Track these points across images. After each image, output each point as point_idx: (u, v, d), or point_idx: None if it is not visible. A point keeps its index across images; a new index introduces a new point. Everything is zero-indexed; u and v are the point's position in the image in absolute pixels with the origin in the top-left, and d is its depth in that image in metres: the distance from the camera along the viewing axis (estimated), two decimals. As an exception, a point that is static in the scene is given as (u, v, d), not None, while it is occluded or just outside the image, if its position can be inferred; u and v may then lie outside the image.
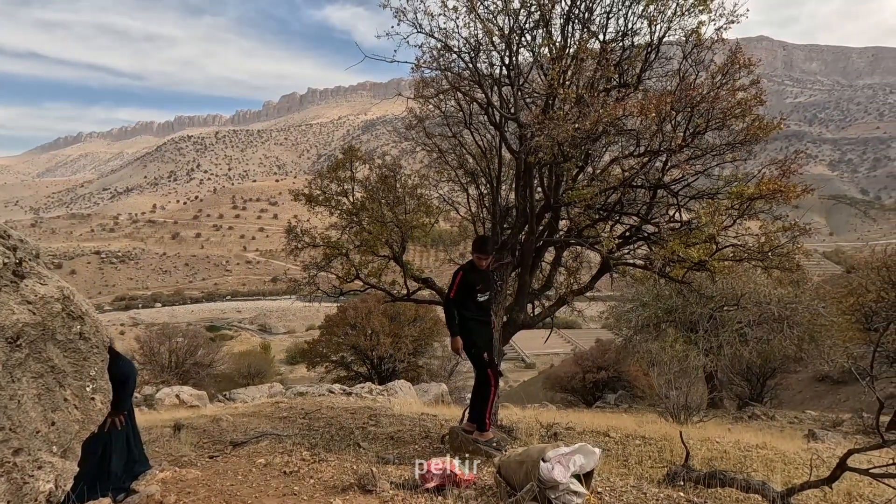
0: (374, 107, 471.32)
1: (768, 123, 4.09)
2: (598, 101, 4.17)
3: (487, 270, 4.35)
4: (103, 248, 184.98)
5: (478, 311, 4.28)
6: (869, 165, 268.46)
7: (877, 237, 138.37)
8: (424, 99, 5.40)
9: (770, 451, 4.95)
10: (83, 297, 2.58)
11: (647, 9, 4.30)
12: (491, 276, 4.48)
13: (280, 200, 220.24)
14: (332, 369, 21.27)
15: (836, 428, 10.17)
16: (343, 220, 5.93)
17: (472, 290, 4.23)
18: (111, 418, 3.33)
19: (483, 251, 4.24)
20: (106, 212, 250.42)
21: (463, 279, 4.21)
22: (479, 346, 4.26)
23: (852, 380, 15.84)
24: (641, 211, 4.72)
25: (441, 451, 4.49)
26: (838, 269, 43.40)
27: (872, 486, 3.47)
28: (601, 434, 5.64)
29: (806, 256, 5.14)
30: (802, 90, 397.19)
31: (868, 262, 11.73)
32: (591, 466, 2.93)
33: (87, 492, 3.10)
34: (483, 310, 4.33)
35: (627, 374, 18.52)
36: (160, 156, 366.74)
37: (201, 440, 5.12)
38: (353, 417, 6.38)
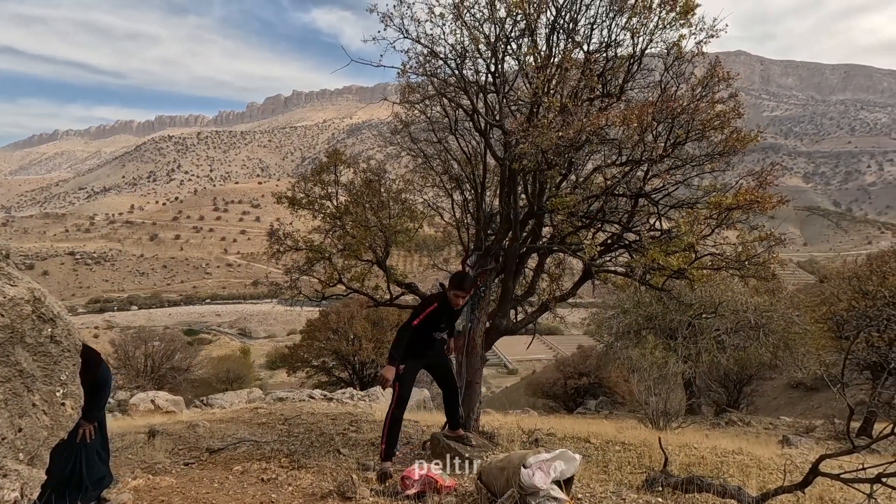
0: (359, 111, 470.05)
1: (746, 135, 4.20)
2: (582, 110, 4.24)
3: (459, 310, 4.10)
4: (78, 248, 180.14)
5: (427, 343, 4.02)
6: (841, 178, 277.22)
7: (848, 248, 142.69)
8: (410, 104, 5.42)
9: (746, 456, 5.04)
10: (55, 299, 2.50)
11: (630, 21, 4.38)
12: (457, 316, 4.23)
13: (263, 203, 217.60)
14: (312, 374, 21.02)
15: (809, 434, 10.41)
16: (326, 224, 5.88)
17: (436, 325, 3.99)
18: (83, 429, 3.17)
19: (462, 289, 3.95)
20: (81, 212, 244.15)
21: (434, 312, 3.91)
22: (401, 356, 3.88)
23: (825, 387, 16.26)
24: (623, 219, 4.79)
25: (422, 457, 4.46)
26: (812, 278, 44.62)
27: (843, 491, 3.56)
28: (582, 440, 5.68)
29: (781, 266, 5.27)
30: (779, 104, 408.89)
31: (840, 272, 12.06)
32: (572, 472, 2.94)
33: (56, 501, 3.00)
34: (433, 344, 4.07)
35: (608, 381, 18.68)
36: (140, 155, 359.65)
37: (176, 447, 5.00)
38: (333, 423, 6.31)
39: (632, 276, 4.66)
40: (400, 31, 4.64)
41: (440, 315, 3.98)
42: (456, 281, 3.97)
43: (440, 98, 5.10)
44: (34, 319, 2.33)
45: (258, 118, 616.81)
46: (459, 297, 3.96)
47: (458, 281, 3.97)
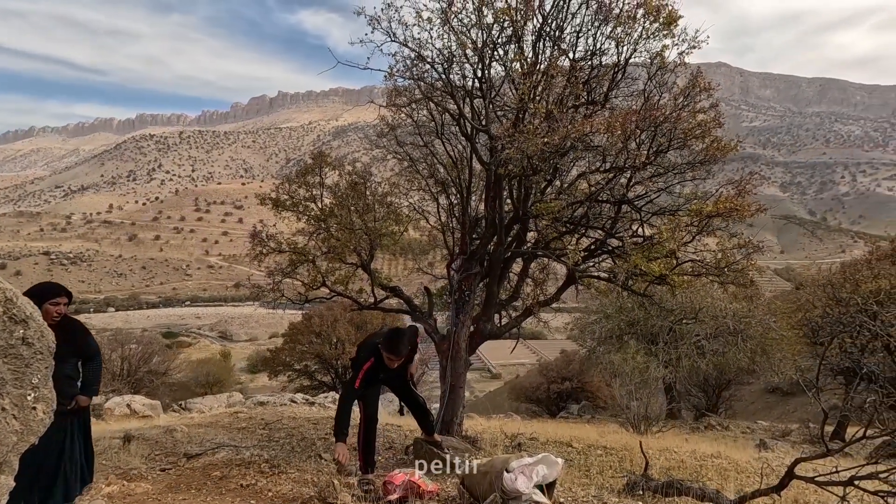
0: (345, 113, 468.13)
1: (726, 145, 4.29)
2: (567, 116, 4.28)
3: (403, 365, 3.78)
4: (53, 248, 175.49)
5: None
6: (816, 188, 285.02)
7: (823, 256, 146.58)
8: (397, 107, 5.41)
9: (724, 460, 5.12)
10: (27, 300, 2.43)
11: (615, 31, 4.45)
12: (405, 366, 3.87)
13: (246, 204, 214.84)
14: (294, 378, 20.75)
15: (785, 437, 10.63)
16: (311, 226, 5.83)
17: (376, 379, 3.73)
18: (76, 401, 3.08)
19: (394, 352, 3.50)
20: (58, 210, 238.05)
21: (371, 369, 3.58)
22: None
23: (800, 391, 16.63)
24: (606, 225, 4.85)
25: (405, 462, 4.43)
26: (788, 285, 45.72)
27: (817, 494, 3.64)
28: (564, 444, 5.70)
29: (759, 273, 5.38)
30: (757, 115, 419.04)
31: (815, 280, 12.39)
32: (554, 477, 2.96)
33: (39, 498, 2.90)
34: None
35: (591, 385, 18.84)
36: (119, 154, 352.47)
37: (153, 452, 4.88)
38: (315, 428, 6.23)
39: (614, 281, 4.71)
40: (387, 34, 4.64)
41: (379, 371, 3.63)
42: (387, 341, 3.51)
43: (427, 102, 5.11)
44: (5, 321, 2.26)
45: (242, 118, 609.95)
46: (393, 360, 3.52)
47: (389, 343, 3.50)
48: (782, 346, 12.23)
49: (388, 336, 3.57)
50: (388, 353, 3.50)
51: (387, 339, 3.54)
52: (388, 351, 3.50)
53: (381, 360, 3.56)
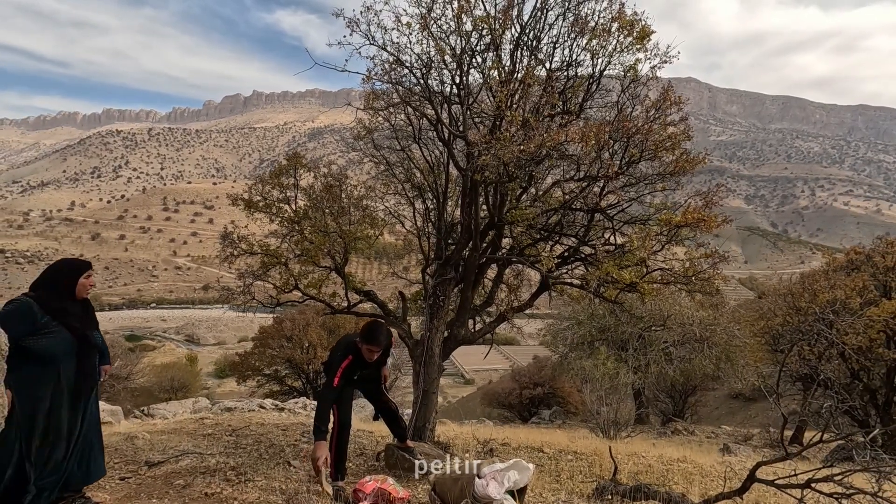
0: (322, 115, 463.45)
1: (694, 157, 4.44)
2: (543, 125, 4.35)
3: (379, 360, 3.70)
4: (9, 246, 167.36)
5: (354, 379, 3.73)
6: (778, 202, 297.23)
7: (784, 266, 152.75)
8: (374, 111, 5.39)
9: (689, 464, 5.25)
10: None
11: (591, 43, 4.55)
12: (380, 365, 3.82)
13: (217, 204, 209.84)
14: (264, 383, 20.30)
15: (747, 442, 10.98)
16: (284, 228, 5.73)
17: (352, 378, 3.65)
18: (104, 371, 3.08)
19: (374, 342, 3.48)
20: (15, 206, 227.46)
21: (349, 367, 3.52)
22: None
23: (762, 397, 17.23)
24: (579, 233, 4.93)
25: (376, 468, 4.38)
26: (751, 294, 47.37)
27: (777, 496, 3.76)
28: (536, 449, 5.74)
29: (724, 282, 5.57)
30: (724, 129, 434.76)
31: (776, 289, 12.88)
32: (525, 482, 2.97)
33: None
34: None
35: (562, 391, 19.07)
36: (83, 149, 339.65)
37: (111, 460, 4.68)
38: (284, 434, 6.09)
39: (587, 288, 4.79)
40: (366, 37, 4.63)
41: (356, 368, 3.58)
42: (367, 332, 3.50)
43: (405, 106, 5.11)
44: (-46, 321, 2.15)
45: (215, 117, 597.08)
46: (373, 351, 3.50)
47: (370, 333, 3.49)
48: (745, 353, 12.66)
49: (368, 327, 3.57)
50: (368, 343, 3.48)
51: (366, 329, 3.54)
52: (368, 342, 3.48)
53: (358, 356, 3.54)
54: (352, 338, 3.67)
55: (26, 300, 2.72)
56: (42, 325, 2.68)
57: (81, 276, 2.90)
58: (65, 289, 2.84)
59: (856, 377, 9.19)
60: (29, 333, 2.66)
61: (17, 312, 2.66)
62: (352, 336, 3.73)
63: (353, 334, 3.80)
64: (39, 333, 2.68)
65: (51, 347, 2.70)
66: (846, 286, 9.56)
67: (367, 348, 3.50)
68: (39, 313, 2.69)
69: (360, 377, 3.74)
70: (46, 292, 2.79)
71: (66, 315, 2.78)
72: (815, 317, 9.37)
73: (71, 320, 2.79)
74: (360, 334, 3.54)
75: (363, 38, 4.61)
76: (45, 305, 2.72)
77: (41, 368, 2.71)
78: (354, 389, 4.01)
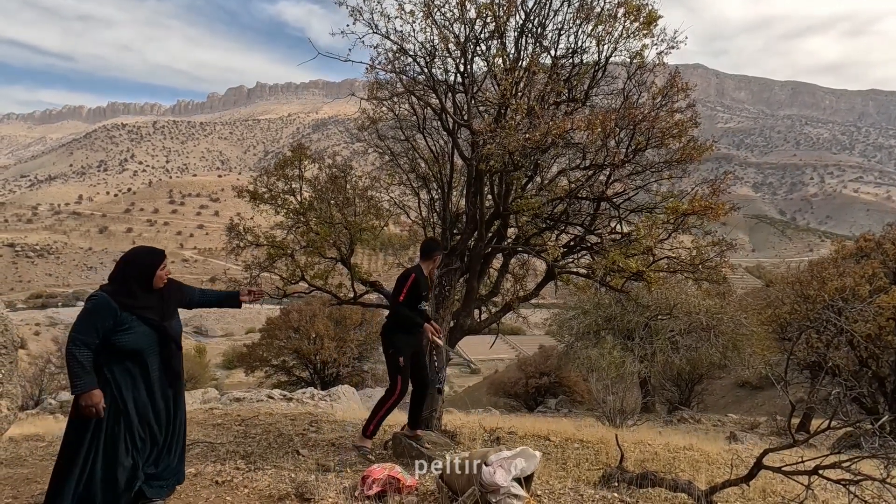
0: (325, 106, 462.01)
1: (702, 145, 4.39)
2: (548, 113, 4.31)
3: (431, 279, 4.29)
4: (18, 240, 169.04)
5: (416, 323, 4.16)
6: (787, 189, 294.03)
7: (792, 255, 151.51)
8: (378, 101, 5.37)
9: (696, 452, 5.26)
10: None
11: (596, 29, 4.49)
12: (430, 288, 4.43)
13: (222, 197, 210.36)
14: (272, 374, 20.50)
15: (754, 430, 10.99)
16: (289, 220, 5.74)
17: (419, 296, 4.11)
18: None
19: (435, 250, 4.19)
20: (23, 201, 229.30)
21: (414, 283, 4.03)
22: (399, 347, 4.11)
23: (768, 385, 17.19)
24: (585, 222, 4.90)
25: (384, 457, 4.42)
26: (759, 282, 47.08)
27: (784, 483, 3.77)
28: (542, 438, 5.77)
29: (731, 270, 5.53)
30: (732, 116, 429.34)
31: (784, 278, 12.80)
32: (532, 470, 2.99)
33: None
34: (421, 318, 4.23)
35: (568, 380, 19.12)
36: (89, 143, 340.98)
37: (124, 449, 4.76)
38: (292, 424, 6.16)
39: (593, 277, 4.78)
40: (369, 26, 4.59)
41: (422, 286, 4.12)
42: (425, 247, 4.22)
43: (409, 96, 5.08)
44: (-34, 314, 2.17)
45: (219, 109, 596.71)
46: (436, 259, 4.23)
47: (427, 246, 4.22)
48: (752, 342, 12.61)
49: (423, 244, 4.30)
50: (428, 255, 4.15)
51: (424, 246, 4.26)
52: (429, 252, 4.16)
53: (420, 274, 4.08)
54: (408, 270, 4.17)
55: (103, 296, 2.66)
56: (121, 320, 2.64)
57: (158, 269, 2.80)
58: (139, 282, 2.75)
59: (864, 365, 9.14)
60: (112, 329, 2.62)
61: (96, 309, 2.61)
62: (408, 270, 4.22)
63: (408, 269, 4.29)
64: (121, 329, 2.64)
65: (135, 342, 2.67)
66: (855, 274, 9.48)
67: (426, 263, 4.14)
68: (117, 308, 2.64)
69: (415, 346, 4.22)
70: (120, 286, 2.71)
71: (142, 308, 2.72)
72: (823, 305, 9.31)
73: (147, 313, 2.73)
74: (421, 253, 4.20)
75: (366, 27, 4.58)
76: (120, 300, 2.66)
77: (131, 364, 2.69)
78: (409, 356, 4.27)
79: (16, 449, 4.98)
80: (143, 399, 2.72)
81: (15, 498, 3.35)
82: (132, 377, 2.69)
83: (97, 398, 2.55)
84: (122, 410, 2.66)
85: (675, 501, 3.21)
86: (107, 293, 2.67)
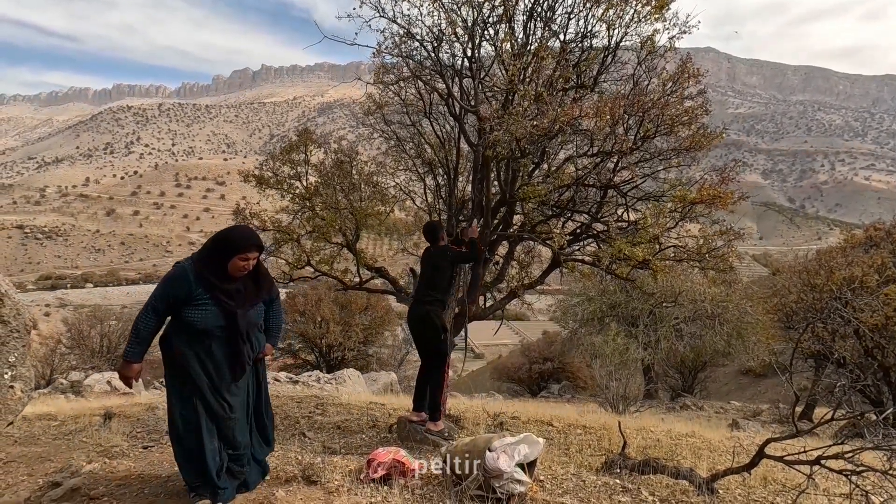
0: (331, 89, 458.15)
1: (711, 132, 4.32)
2: (556, 100, 4.25)
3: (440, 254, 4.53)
4: (27, 222, 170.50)
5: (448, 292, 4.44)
6: (797, 176, 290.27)
7: (800, 243, 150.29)
8: (384, 85, 5.32)
9: (698, 439, 5.29)
10: (1, 277, 2.37)
11: (607, 13, 4.41)
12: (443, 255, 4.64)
13: (228, 180, 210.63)
14: (277, 357, 20.74)
15: (756, 418, 11.04)
16: (295, 205, 5.75)
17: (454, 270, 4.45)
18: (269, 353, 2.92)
19: (434, 228, 4.48)
20: (31, 183, 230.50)
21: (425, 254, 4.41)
22: (446, 328, 4.34)
23: (772, 373, 17.21)
24: (592, 209, 4.87)
25: (388, 440, 4.49)
26: (766, 271, 46.82)
27: (785, 472, 3.79)
28: (545, 423, 5.82)
29: (738, 259, 5.50)
30: (743, 102, 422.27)
31: (791, 266, 12.71)
32: (535, 456, 3.02)
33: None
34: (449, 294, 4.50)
35: (571, 366, 19.22)
36: (95, 125, 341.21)
37: (134, 430, 4.86)
38: (298, 406, 6.25)
39: (598, 265, 4.76)
40: (376, 9, 4.53)
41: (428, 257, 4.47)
42: (426, 229, 4.51)
43: (415, 80, 5.03)
44: (-21, 298, 2.20)
45: (224, 92, 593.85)
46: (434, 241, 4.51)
47: (426, 228, 4.50)
48: (757, 330, 12.60)
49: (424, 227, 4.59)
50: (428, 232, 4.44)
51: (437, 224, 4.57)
52: (428, 231, 4.45)
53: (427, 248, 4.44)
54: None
55: (184, 267, 2.58)
56: (195, 295, 2.53)
57: (236, 256, 2.63)
58: (217, 264, 2.62)
59: (870, 355, 9.11)
60: (184, 302, 2.53)
61: (174, 277, 2.54)
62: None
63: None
64: (193, 304, 2.54)
65: (203, 321, 2.56)
66: (864, 263, 9.39)
67: (430, 240, 4.45)
68: (195, 283, 2.53)
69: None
70: (202, 264, 2.60)
71: (218, 290, 2.59)
72: (830, 294, 9.25)
73: (222, 296, 2.59)
74: (440, 235, 4.45)
75: (373, 9, 4.52)
76: (200, 276, 2.55)
77: (194, 341, 2.59)
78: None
79: (29, 427, 5.10)
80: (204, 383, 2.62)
81: (29, 476, 3.44)
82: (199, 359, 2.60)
83: (133, 372, 2.52)
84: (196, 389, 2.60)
85: (676, 488, 3.25)
86: (189, 264, 2.59)
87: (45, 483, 3.08)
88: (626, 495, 3.11)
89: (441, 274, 4.30)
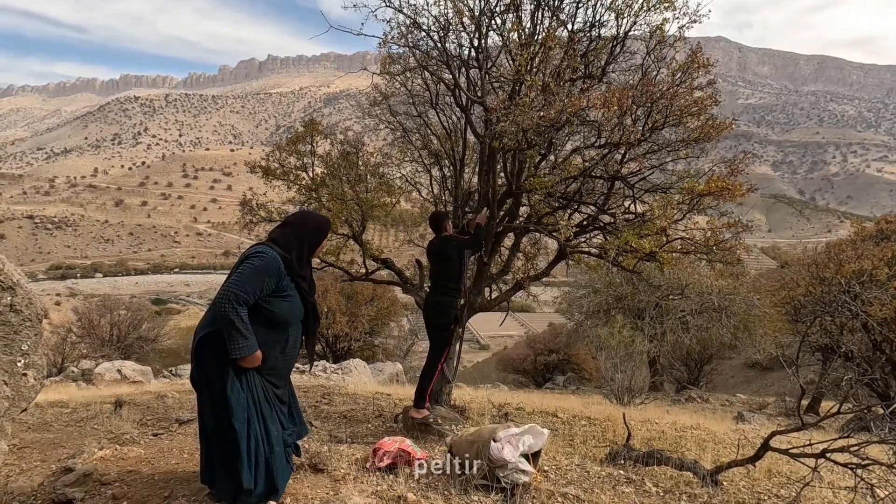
0: (337, 79, 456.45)
1: (721, 123, 4.27)
2: (564, 90, 4.21)
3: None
4: (37, 212, 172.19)
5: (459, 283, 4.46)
6: (807, 168, 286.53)
7: (809, 235, 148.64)
8: (390, 76, 5.29)
9: (703, 431, 5.30)
10: (14, 266, 2.40)
11: (616, 2, 4.35)
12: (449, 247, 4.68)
13: (235, 171, 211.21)
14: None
15: (762, 410, 11.01)
16: (301, 196, 5.77)
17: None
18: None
19: (439, 220, 4.47)
20: (40, 173, 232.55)
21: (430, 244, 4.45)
22: (458, 319, 4.40)
23: (778, 366, 17.14)
24: (599, 201, 4.84)
25: (394, 430, 4.53)
26: (774, 263, 46.41)
27: (790, 465, 3.79)
28: (550, 414, 5.85)
29: (746, 251, 5.46)
30: (753, 92, 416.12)
31: (800, 259, 12.59)
32: (540, 446, 3.04)
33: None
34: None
35: (577, 358, 19.24)
36: (103, 116, 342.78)
37: (144, 417, 4.94)
38: (305, 396, 6.32)
39: (605, 257, 4.74)
40: (382, -2, 4.49)
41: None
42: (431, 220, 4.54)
43: (421, 71, 5.00)
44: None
45: (231, 82, 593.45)
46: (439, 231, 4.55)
47: (432, 218, 4.53)
48: (764, 323, 12.52)
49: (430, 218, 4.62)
50: (434, 221, 4.45)
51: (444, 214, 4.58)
52: (434, 221, 4.46)
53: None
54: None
55: (274, 254, 2.42)
56: (282, 285, 2.42)
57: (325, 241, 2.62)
58: (308, 252, 2.53)
59: (878, 349, 9.04)
60: (272, 292, 2.39)
61: (267, 267, 2.36)
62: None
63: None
64: (280, 295, 2.41)
65: (288, 312, 2.46)
66: (874, 256, 9.28)
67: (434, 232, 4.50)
68: (283, 273, 2.42)
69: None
70: (289, 252, 2.47)
71: (301, 278, 2.51)
72: (840, 288, 9.17)
73: (303, 283, 2.53)
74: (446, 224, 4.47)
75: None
76: (288, 263, 2.44)
77: (274, 333, 2.46)
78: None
79: (42, 414, 5.19)
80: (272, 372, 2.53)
81: (43, 461, 3.52)
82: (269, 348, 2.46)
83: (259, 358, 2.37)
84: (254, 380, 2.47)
85: (680, 480, 3.26)
86: (277, 251, 2.44)
87: (58, 468, 3.15)
88: (629, 486, 3.12)
89: (451, 263, 4.31)
